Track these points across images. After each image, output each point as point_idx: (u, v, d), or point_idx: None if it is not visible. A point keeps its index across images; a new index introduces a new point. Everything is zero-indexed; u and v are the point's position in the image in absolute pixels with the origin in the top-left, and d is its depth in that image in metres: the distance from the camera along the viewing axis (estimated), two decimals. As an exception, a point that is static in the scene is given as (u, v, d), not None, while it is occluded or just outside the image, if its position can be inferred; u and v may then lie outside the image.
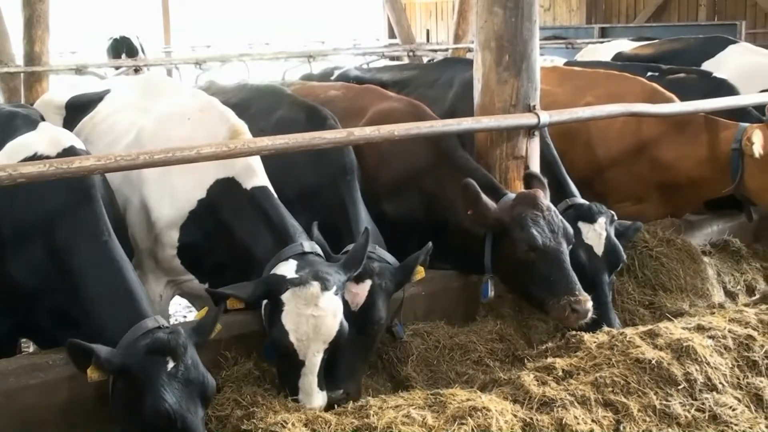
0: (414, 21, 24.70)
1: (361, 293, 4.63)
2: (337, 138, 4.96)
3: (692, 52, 9.07)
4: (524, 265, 5.03)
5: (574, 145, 6.67)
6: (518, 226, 5.02)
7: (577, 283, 4.91)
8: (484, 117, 5.65)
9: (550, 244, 4.99)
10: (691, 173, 6.56)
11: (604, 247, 5.39)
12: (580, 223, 5.40)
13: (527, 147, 5.77)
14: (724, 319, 5.08)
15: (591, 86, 7.02)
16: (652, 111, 6.29)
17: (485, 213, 5.08)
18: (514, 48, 5.66)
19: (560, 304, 4.87)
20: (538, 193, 5.19)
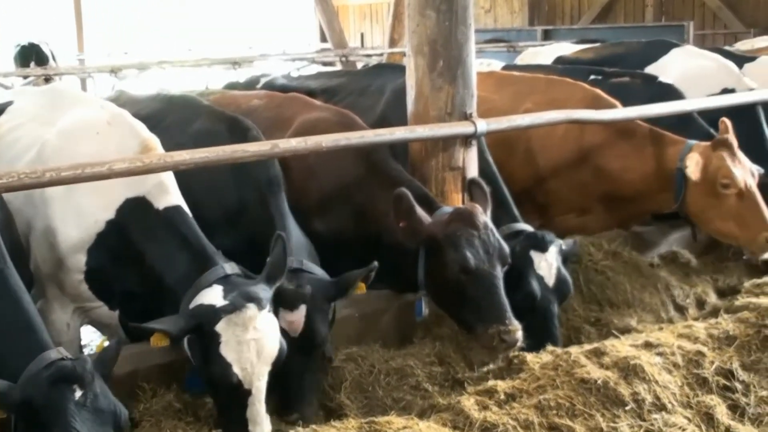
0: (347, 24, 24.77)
1: (298, 320, 4.63)
2: (261, 150, 4.95)
3: (635, 56, 9.21)
4: (455, 286, 5.04)
5: (514, 155, 6.74)
6: (451, 245, 5.03)
7: (508, 311, 4.94)
8: (418, 126, 5.69)
9: (483, 268, 5.01)
10: (636, 186, 6.67)
11: (555, 279, 5.45)
12: (533, 253, 5.43)
13: (464, 157, 5.81)
14: (673, 334, 5.16)
15: (530, 92, 7.11)
16: (595, 117, 6.39)
17: (418, 226, 5.10)
18: (449, 53, 5.70)
19: (489, 333, 4.89)
20: (475, 209, 5.20)
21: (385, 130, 5.56)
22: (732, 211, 6.28)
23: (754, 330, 5.20)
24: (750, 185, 6.26)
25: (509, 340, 4.86)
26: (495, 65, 10.05)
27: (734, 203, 6.26)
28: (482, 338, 4.94)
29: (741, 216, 6.25)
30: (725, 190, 6.24)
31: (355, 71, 10.87)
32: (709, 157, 6.33)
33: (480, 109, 6.04)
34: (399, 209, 5.09)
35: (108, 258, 4.84)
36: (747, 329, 5.21)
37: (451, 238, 5.05)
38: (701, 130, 7.22)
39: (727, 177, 6.23)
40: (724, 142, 6.35)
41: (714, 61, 8.55)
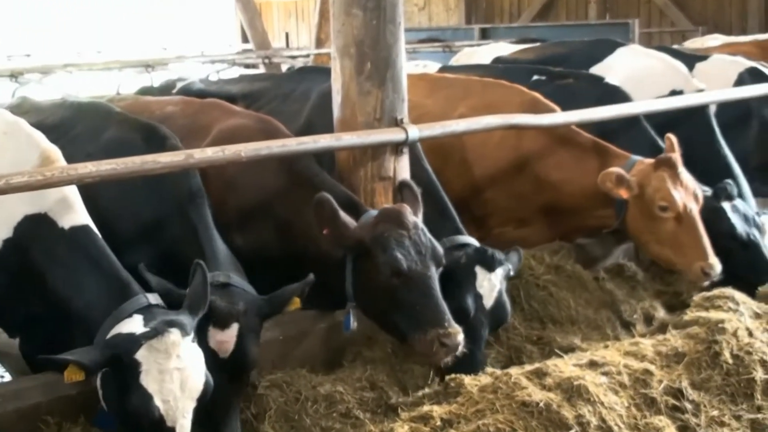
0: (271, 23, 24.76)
1: (229, 340, 4.59)
2: (174, 161, 4.91)
3: (578, 56, 9.33)
4: (387, 292, 5.03)
5: (448, 163, 6.77)
6: (380, 247, 5.03)
7: (446, 313, 4.92)
8: (345, 133, 5.69)
9: (416, 269, 5.01)
10: (576, 200, 6.72)
11: (494, 301, 5.44)
12: (478, 268, 5.42)
13: (395, 166, 5.83)
14: (619, 352, 5.23)
15: (465, 96, 7.15)
16: (535, 122, 6.45)
17: (343, 232, 5.09)
18: (377, 54, 5.71)
19: (427, 338, 4.86)
20: (403, 208, 5.22)
21: (309, 138, 5.55)
22: (669, 235, 6.31)
23: (704, 346, 5.28)
24: (690, 210, 6.27)
25: (450, 343, 4.84)
26: (431, 66, 10.11)
27: (672, 228, 6.29)
28: (420, 345, 4.92)
29: (678, 242, 6.28)
30: (663, 213, 6.27)
31: (279, 74, 10.89)
32: (649, 176, 6.35)
33: (412, 115, 6.06)
34: (321, 215, 5.08)
35: (6, 281, 4.75)
36: (697, 345, 5.30)
37: (379, 240, 5.05)
38: (646, 135, 7.34)
39: (665, 200, 6.26)
40: (666, 162, 6.37)
41: (662, 61, 8.70)
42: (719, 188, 6.68)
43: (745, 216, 6.73)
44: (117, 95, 10.01)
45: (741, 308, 5.74)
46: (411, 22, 24.28)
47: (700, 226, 6.25)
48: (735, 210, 6.70)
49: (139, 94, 8.61)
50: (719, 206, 6.64)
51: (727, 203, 6.68)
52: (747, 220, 6.73)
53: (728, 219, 6.62)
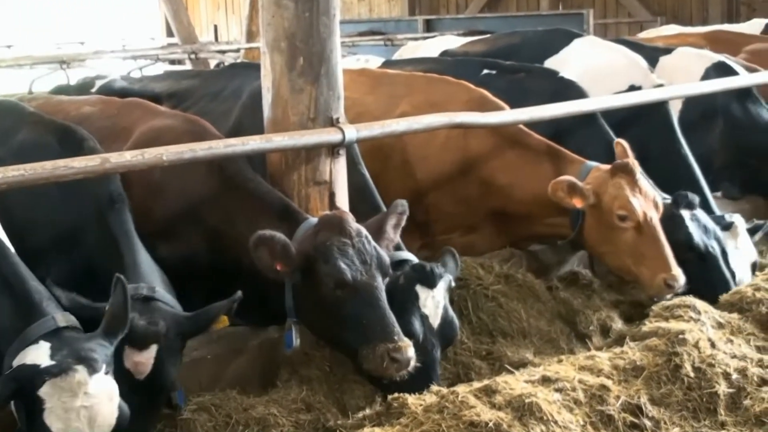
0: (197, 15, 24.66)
1: (146, 361, 4.55)
2: (89, 167, 4.87)
3: (532, 48, 9.40)
4: (330, 305, 5.05)
5: (388, 166, 6.82)
6: (321, 257, 5.05)
7: (395, 326, 4.95)
8: (276, 134, 5.68)
9: (361, 279, 5.03)
10: (528, 206, 6.77)
11: (440, 319, 5.45)
12: (419, 288, 5.40)
13: (331, 169, 5.84)
14: (574, 367, 5.26)
15: (408, 93, 7.19)
16: (482, 121, 6.49)
17: (294, 259, 5.09)
18: (310, 49, 5.72)
19: (376, 353, 4.89)
20: (345, 214, 5.25)
21: (237, 140, 5.53)
22: (629, 246, 6.35)
23: (664, 359, 5.34)
24: (651, 218, 6.32)
25: (401, 358, 4.86)
26: (373, 61, 10.12)
27: (631, 238, 6.33)
28: (369, 360, 4.94)
29: (638, 253, 6.32)
30: (622, 222, 6.31)
31: (208, 71, 10.83)
32: (605, 184, 6.39)
33: (350, 114, 6.08)
34: (273, 253, 5.04)
35: None
36: (656, 358, 5.35)
37: (320, 249, 5.07)
38: (603, 134, 7.42)
39: (623, 208, 6.29)
40: (623, 168, 6.41)
41: (621, 54, 8.79)
42: (679, 195, 6.74)
43: (705, 227, 6.79)
44: (29, 94, 9.93)
45: (703, 318, 5.82)
46: (350, 14, 24.36)
47: (661, 236, 6.30)
48: (694, 219, 6.75)
49: (54, 93, 8.54)
50: (678, 214, 6.70)
51: (686, 211, 6.74)
52: (707, 231, 6.79)
53: (686, 228, 6.68)
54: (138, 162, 5.05)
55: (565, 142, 7.37)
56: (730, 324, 5.91)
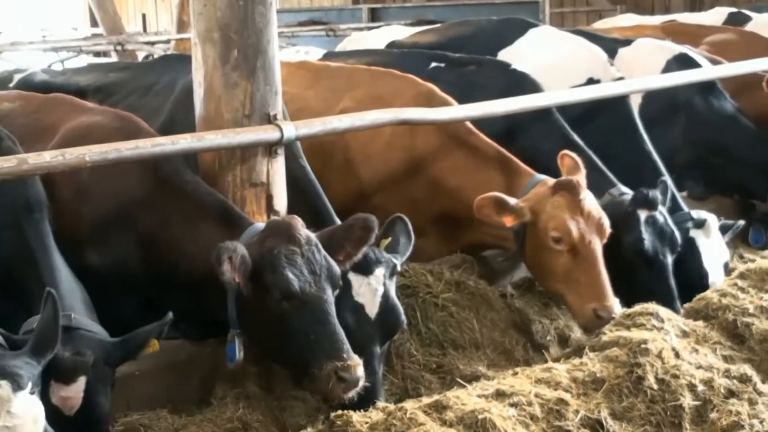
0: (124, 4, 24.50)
1: (75, 395, 4.51)
2: (5, 168, 4.80)
3: (485, 38, 9.42)
4: (276, 318, 5.03)
5: (330, 165, 6.82)
6: (268, 266, 5.02)
7: (345, 343, 4.94)
8: (209, 132, 5.65)
9: (309, 291, 5.01)
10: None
11: (379, 307, 5.44)
12: (351, 275, 5.41)
13: (269, 170, 5.82)
14: (530, 380, 5.29)
15: (350, 87, 7.20)
16: (430, 117, 6.51)
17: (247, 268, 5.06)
18: (245, 40, 5.70)
19: (323, 372, 4.87)
20: (294, 220, 5.22)
21: (166, 139, 5.49)
22: (561, 270, 6.33)
23: (626, 370, 5.39)
24: (589, 243, 6.28)
25: (349, 378, 4.85)
26: (314, 53, 10.12)
27: (565, 262, 6.31)
28: (315, 379, 4.91)
29: (571, 278, 6.30)
30: (556, 245, 6.29)
31: (137, 63, 10.78)
32: (544, 201, 6.36)
33: (289, 110, 6.09)
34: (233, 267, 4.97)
35: None
36: (617, 370, 5.40)
37: (267, 258, 5.03)
38: (558, 130, 7.48)
39: (557, 230, 6.27)
40: (567, 186, 6.34)
41: (579, 45, 8.84)
42: (639, 193, 6.80)
43: (661, 230, 6.81)
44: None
45: (666, 326, 5.87)
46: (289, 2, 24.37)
47: (599, 263, 6.27)
48: (651, 222, 6.77)
49: (-35, 89, 8.45)
50: (633, 212, 6.76)
51: (643, 212, 6.78)
52: (662, 235, 6.81)
53: (638, 230, 6.71)
54: (58, 163, 4.99)
55: (518, 139, 7.44)
56: (695, 332, 5.97)
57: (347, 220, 5.43)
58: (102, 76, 7.93)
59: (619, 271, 6.67)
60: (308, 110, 6.64)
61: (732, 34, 10.88)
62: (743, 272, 6.68)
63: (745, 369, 5.65)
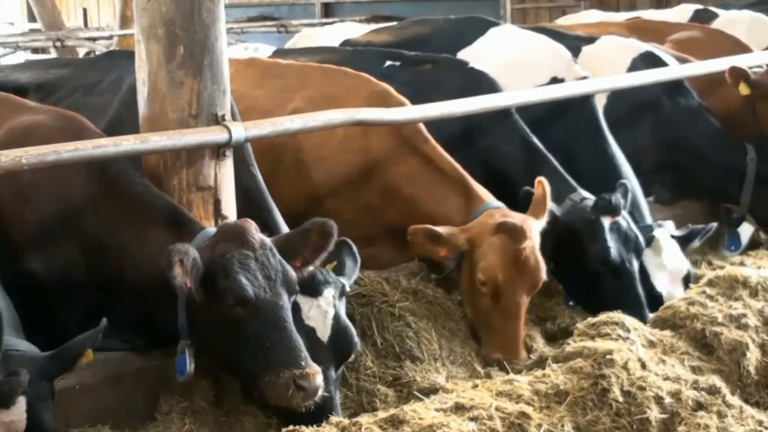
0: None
1: (19, 418, 4.48)
2: (-66, 171, 4.79)
3: (443, 38, 9.44)
4: (230, 326, 5.02)
5: (280, 168, 6.81)
6: (221, 271, 5.01)
7: (302, 350, 4.95)
8: (153, 134, 5.63)
9: (264, 297, 5.01)
10: (434, 221, 6.65)
11: (331, 330, 5.44)
12: (300, 298, 5.39)
13: (216, 173, 5.81)
14: (490, 393, 5.30)
15: (302, 86, 7.20)
16: (385, 118, 6.52)
17: None
18: (191, 37, 5.68)
19: (281, 381, 4.86)
20: (247, 223, 5.22)
21: (108, 141, 5.47)
22: (482, 310, 6.42)
23: (590, 382, 5.40)
24: (514, 294, 6.32)
25: (308, 387, 4.85)
26: (263, 50, 10.11)
27: (488, 306, 6.39)
28: (272, 388, 4.90)
29: (488, 321, 6.39)
30: (482, 286, 6.37)
31: (81, 60, 10.72)
32: (482, 237, 6.39)
33: (239, 109, 6.09)
34: (184, 269, 4.97)
35: None
36: (581, 381, 5.41)
37: (219, 262, 5.03)
38: (517, 133, 7.52)
39: (485, 273, 6.33)
40: (510, 231, 6.28)
41: (541, 44, 8.86)
42: (601, 199, 6.84)
43: (626, 236, 6.87)
44: None
45: (632, 336, 5.90)
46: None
47: (518, 317, 6.34)
48: (615, 228, 6.82)
49: None
50: (596, 220, 6.80)
51: (606, 218, 6.82)
52: (627, 242, 6.87)
53: (603, 238, 6.76)
54: (-9, 165, 4.97)
55: (476, 140, 7.46)
56: (662, 342, 6.00)
57: (304, 225, 5.44)
58: (43, 72, 7.89)
59: (584, 280, 6.73)
60: (257, 110, 6.63)
61: (697, 32, 10.93)
62: (712, 279, 6.67)
63: (713, 380, 5.68)
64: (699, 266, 8.05)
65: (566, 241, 6.90)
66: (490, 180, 7.30)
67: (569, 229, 6.90)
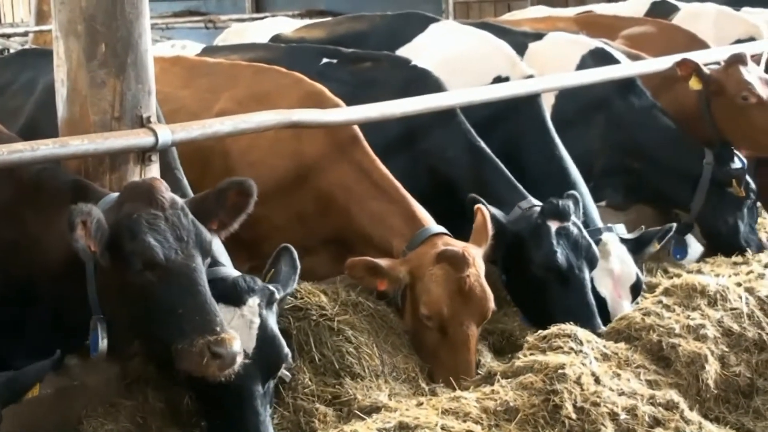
0: (-26, -9, 24.16)
1: None
2: None
3: (380, 35, 9.47)
4: (139, 291, 4.97)
5: (208, 173, 6.79)
6: (127, 233, 4.95)
7: (217, 315, 4.90)
8: (73, 137, 5.59)
9: (175, 259, 4.96)
10: (363, 241, 6.80)
11: (256, 341, 5.38)
12: (221, 307, 5.26)
13: (142, 178, 5.77)
14: (436, 411, 5.30)
15: (231, 85, 7.20)
16: (321, 119, 6.55)
17: None
18: (113, 33, 5.66)
19: (194, 348, 4.80)
20: (155, 181, 5.19)
21: (24, 145, 5.43)
22: (429, 345, 6.41)
23: (541, 398, 5.43)
24: (462, 325, 6.31)
25: (224, 353, 4.78)
26: (191, 48, 10.09)
27: (434, 340, 6.39)
28: (186, 357, 4.83)
29: (437, 356, 6.38)
30: (427, 321, 6.36)
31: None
32: (422, 268, 6.39)
33: (163, 111, 6.05)
34: (88, 231, 4.88)
35: None
36: (532, 398, 5.44)
37: (125, 223, 4.97)
38: (462, 134, 7.53)
39: (429, 307, 6.32)
40: (451, 259, 6.31)
41: (484, 40, 8.89)
42: (548, 203, 6.89)
43: (576, 243, 6.89)
44: None
45: (585, 348, 5.92)
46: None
47: (469, 348, 6.34)
48: (563, 234, 6.85)
49: None
50: (542, 224, 6.85)
51: (554, 223, 6.86)
52: (577, 249, 6.89)
53: (549, 243, 6.79)
54: None
55: (419, 143, 7.47)
56: (616, 355, 6.03)
57: (220, 184, 5.40)
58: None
59: (531, 290, 6.75)
60: (183, 111, 6.64)
61: (651, 27, 10.98)
62: (668, 288, 6.73)
63: (671, 395, 5.74)
64: (654, 274, 8.12)
65: (514, 250, 6.92)
66: (434, 186, 7.36)
67: (517, 238, 6.92)
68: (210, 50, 9.62)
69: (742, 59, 8.95)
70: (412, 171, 7.10)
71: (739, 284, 6.92)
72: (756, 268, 7.60)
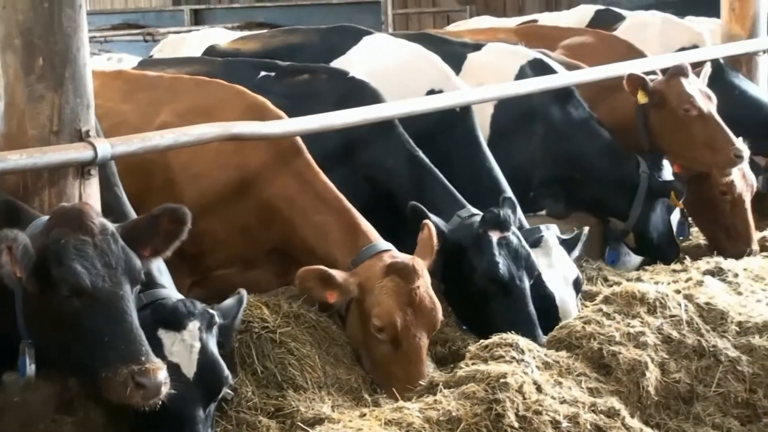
0: None
1: None
2: None
3: (315, 48, 9.41)
4: (65, 318, 4.93)
5: (150, 187, 6.75)
6: (54, 259, 4.91)
7: (143, 344, 4.87)
8: (11, 152, 5.53)
9: (103, 286, 4.91)
10: (308, 253, 6.74)
11: (197, 365, 5.33)
12: (162, 332, 5.31)
13: (81, 194, 5.72)
14: (379, 422, 5.31)
15: (171, 99, 7.15)
16: (263, 132, 6.51)
17: None
18: (51, 47, 5.60)
19: (118, 377, 4.77)
20: (84, 206, 5.16)
21: (-41, 160, 5.38)
22: (380, 359, 6.40)
23: (484, 407, 5.45)
24: (414, 337, 6.30)
25: (148, 384, 4.74)
26: (128, 60, 10.01)
27: (386, 352, 6.37)
28: (110, 386, 4.80)
29: (389, 370, 6.36)
30: (378, 333, 6.33)
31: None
32: (371, 282, 6.37)
33: (103, 125, 6.00)
34: (14, 257, 4.85)
35: None
36: (474, 407, 5.45)
37: (52, 249, 4.93)
38: (402, 144, 7.57)
39: (380, 319, 6.30)
40: (400, 271, 6.32)
41: (415, 53, 8.89)
42: (489, 213, 6.90)
43: (516, 253, 6.91)
44: None
45: (527, 357, 5.94)
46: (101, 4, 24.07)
47: (420, 360, 6.35)
48: (504, 244, 6.88)
49: None
50: (483, 234, 6.86)
51: (495, 233, 6.88)
52: (517, 259, 6.91)
53: (490, 252, 6.81)
54: None
55: (359, 154, 7.48)
56: (558, 363, 6.05)
57: (153, 210, 5.35)
58: None
59: (473, 300, 6.76)
60: (125, 125, 6.56)
61: (590, 37, 10.99)
62: (608, 296, 6.74)
63: (612, 402, 5.77)
64: (594, 282, 8.16)
65: (454, 259, 6.94)
66: (375, 197, 7.36)
67: (457, 247, 6.94)
68: (147, 63, 9.53)
69: (683, 71, 9.03)
70: (352, 181, 7.09)
71: (678, 291, 6.95)
72: (695, 275, 7.63)
